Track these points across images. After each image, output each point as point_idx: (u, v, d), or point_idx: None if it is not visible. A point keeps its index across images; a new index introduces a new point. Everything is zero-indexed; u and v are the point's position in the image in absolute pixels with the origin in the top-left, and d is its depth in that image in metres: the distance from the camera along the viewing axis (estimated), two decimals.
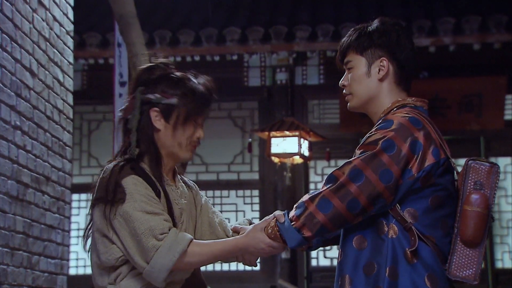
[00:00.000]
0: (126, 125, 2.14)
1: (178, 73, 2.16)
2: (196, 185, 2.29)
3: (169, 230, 2.00)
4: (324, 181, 2.03)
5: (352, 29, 2.22)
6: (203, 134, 2.16)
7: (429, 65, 8.20)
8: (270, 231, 2.06)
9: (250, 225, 2.23)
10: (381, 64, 2.14)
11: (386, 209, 2.01)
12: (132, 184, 2.01)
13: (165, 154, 2.13)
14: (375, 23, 2.19)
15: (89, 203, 2.11)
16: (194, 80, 2.16)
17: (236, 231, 2.24)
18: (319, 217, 1.98)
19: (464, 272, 2.01)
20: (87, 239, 2.14)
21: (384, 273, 1.99)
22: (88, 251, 2.13)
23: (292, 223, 2.01)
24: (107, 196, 2.00)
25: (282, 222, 2.04)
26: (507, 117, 8.12)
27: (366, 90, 2.16)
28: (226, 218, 8.11)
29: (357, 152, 2.04)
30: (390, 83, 2.16)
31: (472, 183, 2.01)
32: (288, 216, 2.04)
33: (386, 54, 2.14)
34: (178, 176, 2.22)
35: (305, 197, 2.03)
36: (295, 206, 2.05)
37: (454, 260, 2.01)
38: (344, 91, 2.22)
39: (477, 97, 8.05)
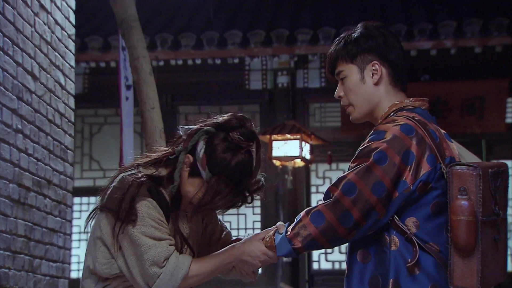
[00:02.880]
0: (176, 146, 2.08)
1: (242, 156, 2.02)
2: None
3: (172, 253, 2.01)
4: (323, 198, 2.03)
5: (336, 39, 2.19)
6: (211, 212, 2.17)
7: (430, 68, 8.20)
8: (267, 239, 2.06)
9: None
10: (373, 68, 2.11)
11: (380, 223, 1.98)
12: (146, 207, 2.00)
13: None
14: (358, 29, 2.15)
15: (95, 205, 2.10)
16: (241, 177, 2.02)
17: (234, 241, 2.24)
18: (310, 230, 1.97)
19: (465, 281, 1.96)
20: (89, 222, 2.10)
21: (387, 286, 1.97)
22: (86, 225, 2.10)
23: (287, 233, 2.02)
24: (119, 213, 1.99)
25: (281, 233, 2.05)
26: (508, 120, 8.11)
27: (364, 97, 2.13)
28: (227, 222, 8.05)
29: (351, 165, 2.02)
30: (386, 86, 2.12)
31: (457, 190, 1.95)
32: (288, 226, 2.05)
33: (376, 57, 2.11)
34: None
35: (304, 211, 2.03)
36: (296, 217, 2.06)
37: (454, 270, 1.97)
38: (341, 102, 2.18)
39: (478, 100, 8.05)
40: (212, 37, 8.08)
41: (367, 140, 2.03)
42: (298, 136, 7.33)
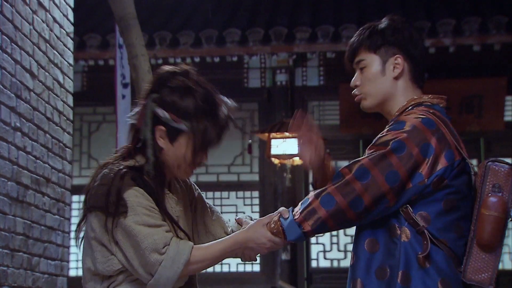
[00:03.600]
0: (137, 132, 2.03)
1: (199, 90, 2.02)
2: (189, 178, 2.22)
3: (171, 240, 1.96)
4: (332, 178, 2.00)
5: (362, 28, 2.17)
6: (207, 157, 2.07)
7: (429, 66, 8.16)
8: (273, 225, 2.03)
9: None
10: (396, 61, 2.11)
11: (389, 211, 1.98)
12: (134, 196, 1.95)
13: (166, 167, 2.05)
14: (385, 21, 2.15)
15: (82, 209, 2.06)
16: (214, 105, 2.03)
17: (239, 223, 2.21)
18: (321, 213, 1.96)
19: (480, 276, 1.98)
20: (80, 241, 2.08)
21: (396, 278, 1.97)
22: (80, 243, 2.07)
23: (295, 217, 2.00)
24: (108, 208, 1.94)
25: (286, 217, 2.02)
26: (507, 119, 8.12)
27: (381, 89, 2.12)
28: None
29: (367, 152, 2.01)
30: (406, 81, 2.12)
31: (491, 186, 1.97)
32: (293, 211, 2.03)
33: (400, 51, 2.11)
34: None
35: (311, 194, 2.01)
36: (300, 202, 2.03)
37: (470, 263, 1.98)
38: (355, 91, 2.17)
39: (477, 98, 8.05)
40: (210, 35, 8.08)
41: (386, 130, 2.03)
42: (297, 134, 7.32)
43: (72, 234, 7.73)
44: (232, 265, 8.51)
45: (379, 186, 1.94)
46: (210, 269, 8.42)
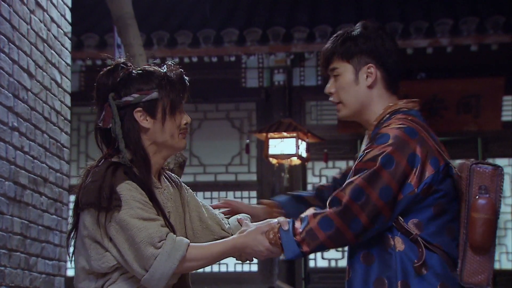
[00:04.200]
0: (105, 135, 2.06)
1: (143, 68, 2.10)
2: (179, 179, 2.23)
3: (167, 236, 1.95)
4: (327, 203, 2.01)
5: (335, 35, 2.17)
6: (189, 118, 2.10)
7: (426, 66, 8.21)
8: (271, 236, 2.02)
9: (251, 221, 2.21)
10: (369, 70, 2.10)
11: (386, 226, 2.00)
12: (127, 190, 1.95)
13: (157, 150, 2.06)
14: (358, 28, 2.14)
15: (73, 211, 2.05)
16: (162, 69, 2.09)
17: (240, 223, 2.20)
18: (319, 235, 1.97)
19: (476, 278, 1.99)
20: (70, 242, 2.07)
21: None
22: (72, 255, 2.07)
23: (295, 236, 2.00)
24: (101, 203, 1.93)
25: (286, 229, 2.02)
26: (504, 118, 8.13)
27: (355, 98, 2.12)
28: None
29: (354, 169, 2.02)
30: (380, 89, 2.11)
31: (477, 188, 1.98)
32: (293, 225, 2.02)
33: (373, 60, 2.10)
34: (163, 174, 2.16)
35: (310, 212, 2.02)
36: (300, 217, 2.03)
37: (466, 267, 1.99)
38: (331, 98, 2.18)
39: (475, 98, 8.06)
40: (208, 35, 8.08)
41: (371, 144, 2.03)
42: (295, 134, 7.33)
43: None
44: (230, 265, 8.51)
45: (374, 204, 1.95)
46: (208, 269, 8.42)
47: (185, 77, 2.10)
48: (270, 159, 7.49)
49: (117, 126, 2.02)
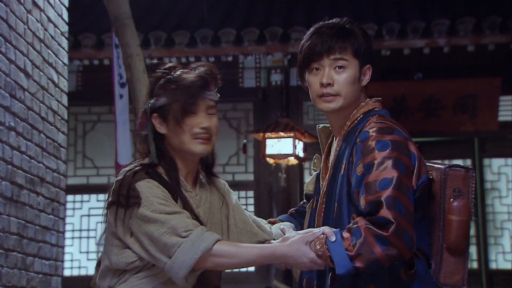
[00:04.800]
0: (142, 138, 2.11)
1: (173, 73, 2.08)
2: (226, 184, 2.25)
3: (196, 227, 1.94)
4: (375, 221, 1.90)
5: (335, 26, 2.12)
6: (207, 122, 2.05)
7: (423, 66, 8.22)
8: (318, 247, 1.93)
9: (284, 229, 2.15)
10: (369, 71, 2.13)
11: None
12: (147, 187, 1.97)
13: (179, 157, 2.07)
14: (357, 26, 2.13)
15: (104, 205, 2.10)
16: (182, 73, 2.07)
17: (283, 232, 2.12)
18: (376, 251, 1.89)
19: (453, 278, 2.01)
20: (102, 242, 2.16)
21: None
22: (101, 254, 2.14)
23: (347, 250, 1.90)
24: (120, 200, 1.97)
25: (333, 241, 1.92)
26: (501, 119, 8.14)
27: (354, 95, 2.11)
28: None
29: (368, 182, 1.95)
30: (364, 91, 2.15)
31: (451, 191, 1.99)
32: (342, 237, 1.93)
33: (370, 60, 2.14)
34: (203, 179, 2.15)
35: (361, 222, 1.92)
36: (349, 228, 1.94)
37: (443, 268, 2.00)
38: (328, 89, 2.10)
39: (471, 98, 8.07)
40: (205, 35, 8.08)
41: (370, 152, 1.98)
42: (292, 134, 7.33)
43: (67, 234, 7.73)
44: None
45: (409, 210, 1.93)
46: None
47: (206, 82, 2.07)
48: (267, 159, 7.50)
49: (149, 131, 2.07)
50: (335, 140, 2.18)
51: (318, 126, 2.32)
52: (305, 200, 2.39)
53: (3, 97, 3.83)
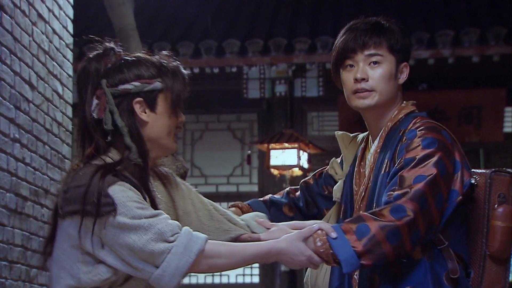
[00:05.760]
0: (90, 126, 1.79)
1: (137, 55, 1.86)
2: (173, 173, 2.00)
3: (182, 228, 1.73)
4: (389, 208, 1.84)
5: (370, 22, 2.09)
6: (184, 116, 1.87)
7: (428, 77, 8.21)
8: (319, 244, 1.83)
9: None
10: (406, 69, 2.08)
11: (432, 235, 1.90)
12: (121, 191, 1.72)
13: (149, 148, 1.82)
14: (396, 25, 2.10)
15: (50, 221, 1.82)
16: (161, 58, 1.87)
17: (263, 225, 2.00)
18: (384, 247, 1.81)
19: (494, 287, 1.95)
20: (48, 255, 1.81)
21: None
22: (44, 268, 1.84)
23: (354, 247, 1.81)
24: (88, 209, 1.69)
25: (335, 237, 1.83)
26: (506, 130, 8.12)
27: (391, 91, 2.05)
28: None
29: (403, 175, 1.89)
30: (401, 90, 2.10)
31: (496, 196, 1.95)
32: (344, 233, 1.83)
33: (407, 58, 2.09)
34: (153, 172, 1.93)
35: (368, 218, 1.83)
36: (351, 222, 1.86)
37: (485, 277, 1.94)
38: (363, 85, 2.03)
39: (476, 109, 8.06)
40: (210, 46, 8.09)
41: (414, 147, 1.93)
42: (296, 145, 7.33)
43: None
44: (232, 276, 8.49)
45: (431, 212, 1.86)
46: (209, 280, 8.40)
47: (184, 71, 1.90)
48: (272, 170, 7.49)
49: (116, 117, 1.77)
50: (371, 143, 2.11)
51: (337, 133, 2.26)
52: (289, 189, 2.35)
53: (8, 109, 3.83)
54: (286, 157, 7.36)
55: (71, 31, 4.87)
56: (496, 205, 1.94)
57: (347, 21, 2.19)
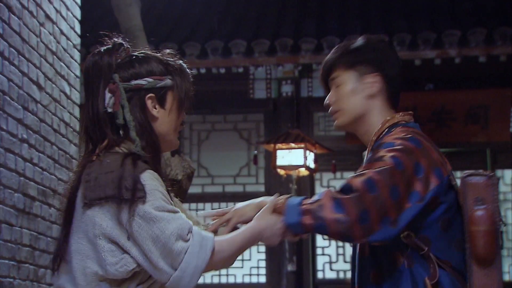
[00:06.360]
0: (102, 120, 1.78)
1: (145, 52, 1.90)
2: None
3: (192, 226, 1.73)
4: (339, 188, 1.92)
5: (337, 46, 2.16)
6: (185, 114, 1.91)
7: (435, 77, 8.21)
8: (280, 201, 1.94)
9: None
10: (373, 80, 2.08)
11: (390, 234, 1.90)
12: (150, 179, 1.70)
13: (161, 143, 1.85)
14: (361, 40, 2.12)
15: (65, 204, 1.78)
16: (165, 56, 1.92)
17: (208, 216, 2.04)
18: (327, 214, 1.86)
19: None
20: (65, 245, 1.76)
21: None
22: (58, 260, 1.76)
23: (300, 205, 1.90)
24: (123, 195, 1.66)
25: (293, 200, 1.94)
26: None
27: (355, 106, 2.08)
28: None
29: (362, 169, 1.97)
30: (381, 101, 2.09)
31: (473, 200, 1.94)
32: (303, 198, 1.94)
33: (377, 69, 2.08)
34: None
35: (327, 193, 1.91)
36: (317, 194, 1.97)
37: (474, 281, 1.94)
38: (330, 109, 2.13)
39: (483, 109, 8.05)
40: (216, 47, 8.10)
41: (376, 149, 1.99)
42: (303, 145, 7.33)
43: None
44: (238, 276, 8.50)
45: (384, 201, 1.88)
46: (215, 280, 8.41)
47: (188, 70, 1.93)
48: (278, 170, 7.49)
49: (126, 111, 1.77)
50: (365, 155, 2.18)
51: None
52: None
53: (16, 110, 3.85)
54: (293, 157, 7.36)
55: (79, 31, 4.89)
56: (474, 210, 1.94)
57: (353, 21, 2.21)
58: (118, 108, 1.78)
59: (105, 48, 1.89)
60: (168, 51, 1.94)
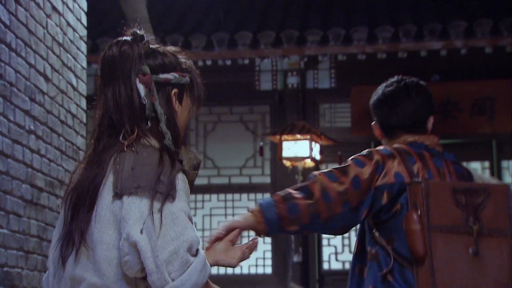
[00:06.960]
0: (134, 111, 1.74)
1: (163, 47, 1.87)
2: None
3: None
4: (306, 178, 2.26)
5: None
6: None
7: (440, 68, 8.19)
8: (256, 218, 2.15)
9: None
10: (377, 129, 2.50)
11: (351, 219, 2.22)
12: (182, 181, 1.69)
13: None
14: (375, 96, 2.51)
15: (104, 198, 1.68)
16: (177, 53, 1.90)
17: None
18: (296, 197, 2.17)
19: None
20: (85, 234, 1.69)
21: None
22: (75, 247, 1.68)
23: (273, 196, 2.19)
24: (159, 189, 1.63)
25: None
26: None
27: None
28: None
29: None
30: (383, 139, 2.51)
31: (412, 203, 2.19)
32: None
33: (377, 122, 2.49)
34: None
35: (293, 188, 2.23)
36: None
37: (417, 278, 2.17)
38: None
39: (489, 100, 8.03)
40: (222, 38, 8.11)
41: None
42: (308, 137, 7.34)
43: None
44: (244, 267, 8.53)
45: (346, 187, 2.21)
46: (222, 271, 8.45)
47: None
48: (284, 161, 7.51)
49: (156, 104, 1.75)
50: None
51: None
52: None
53: (23, 101, 3.87)
54: (298, 148, 7.37)
55: (85, 23, 4.91)
56: (410, 210, 2.18)
57: (359, 12, 2.28)
58: (155, 100, 1.75)
59: (131, 37, 1.84)
60: (172, 48, 1.90)
